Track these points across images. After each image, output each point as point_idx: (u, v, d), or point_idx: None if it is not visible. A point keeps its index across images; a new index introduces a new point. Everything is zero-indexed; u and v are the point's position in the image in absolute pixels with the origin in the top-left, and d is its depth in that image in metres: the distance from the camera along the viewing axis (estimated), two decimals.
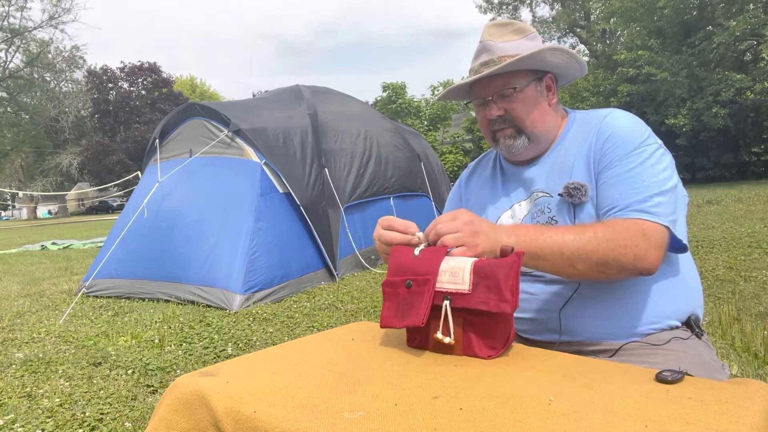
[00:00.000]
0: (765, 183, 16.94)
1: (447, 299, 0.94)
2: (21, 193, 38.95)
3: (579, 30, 29.28)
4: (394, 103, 32.83)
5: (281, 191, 5.03)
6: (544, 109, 1.23)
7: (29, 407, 2.46)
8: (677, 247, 1.09)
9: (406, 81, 36.60)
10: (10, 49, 38.35)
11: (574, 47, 28.64)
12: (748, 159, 21.32)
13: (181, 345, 3.34)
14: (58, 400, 2.51)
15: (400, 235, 1.03)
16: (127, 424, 2.21)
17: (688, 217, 1.23)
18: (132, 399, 2.50)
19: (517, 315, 1.17)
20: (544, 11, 45.33)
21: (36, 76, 40.15)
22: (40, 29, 38.33)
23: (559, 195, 1.17)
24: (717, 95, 19.10)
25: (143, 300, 4.80)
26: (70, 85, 42.51)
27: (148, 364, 2.98)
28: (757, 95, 19.01)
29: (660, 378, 0.78)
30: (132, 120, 41.42)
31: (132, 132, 40.33)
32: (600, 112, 1.24)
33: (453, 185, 1.51)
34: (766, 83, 18.63)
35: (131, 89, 42.03)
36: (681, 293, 1.15)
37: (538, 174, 1.25)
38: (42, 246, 11.78)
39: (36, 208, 45.76)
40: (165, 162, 5.34)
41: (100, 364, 3.06)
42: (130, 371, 2.88)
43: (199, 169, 5.08)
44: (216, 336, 3.48)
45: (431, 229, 0.99)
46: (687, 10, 20.92)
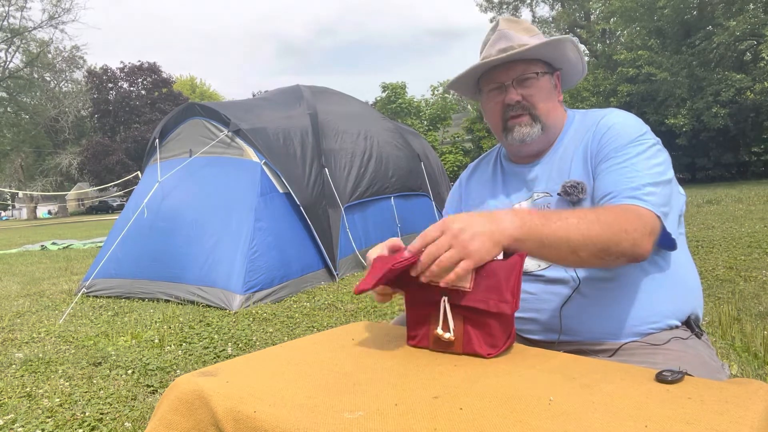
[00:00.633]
0: (765, 183, 16.95)
1: (445, 296, 0.94)
2: (21, 193, 38.96)
3: (579, 30, 29.29)
4: (393, 103, 32.84)
5: (281, 191, 5.03)
6: (555, 103, 1.26)
7: (29, 407, 2.46)
8: (666, 244, 1.09)
9: (406, 81, 36.61)
10: (10, 49, 38.38)
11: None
12: (748, 159, 21.36)
13: (181, 345, 3.34)
14: (58, 400, 2.51)
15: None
16: (127, 424, 2.21)
17: (687, 217, 1.23)
18: (132, 399, 2.50)
19: (517, 314, 1.16)
20: (544, 11, 45.40)
21: (36, 76, 40.15)
22: (40, 29, 38.37)
23: (558, 194, 1.17)
24: (717, 95, 19.13)
25: (143, 300, 4.80)
26: (70, 85, 42.52)
27: (148, 364, 2.98)
28: (757, 95, 19.03)
29: (660, 378, 0.78)
30: (132, 120, 41.40)
31: (132, 132, 40.32)
32: (598, 111, 1.25)
33: (453, 185, 1.51)
34: (766, 83, 18.65)
35: (131, 89, 42.02)
36: (681, 293, 1.15)
37: (539, 174, 1.25)
38: (42, 246, 11.78)
39: (36, 208, 45.75)
40: (165, 162, 5.34)
41: (100, 364, 3.06)
42: (130, 371, 2.88)
43: (199, 169, 5.08)
44: (216, 336, 3.48)
45: (418, 247, 0.91)
46: (687, 10, 20.95)
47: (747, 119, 19.97)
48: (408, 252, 0.93)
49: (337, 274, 5.22)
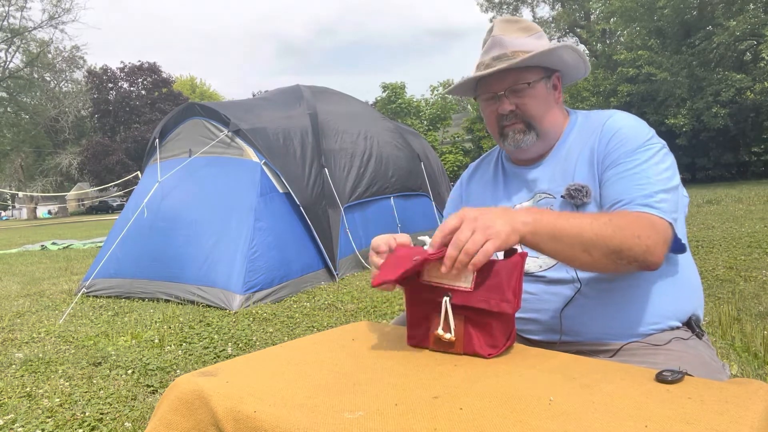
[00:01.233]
0: (765, 183, 16.95)
1: (447, 296, 0.94)
2: (21, 193, 38.90)
3: (579, 30, 29.29)
4: (393, 103, 32.83)
5: (281, 191, 5.03)
6: (552, 107, 1.25)
7: (29, 407, 2.46)
8: (676, 247, 1.09)
9: (405, 81, 36.64)
10: (10, 49, 38.35)
11: None
12: (748, 159, 21.37)
13: (181, 345, 3.34)
14: (58, 400, 2.51)
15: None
16: (127, 424, 2.21)
17: (688, 217, 1.23)
18: (132, 399, 2.50)
19: (518, 315, 1.16)
20: (544, 11, 45.38)
21: (36, 76, 40.13)
22: (40, 29, 38.32)
23: (561, 197, 1.17)
24: (717, 95, 19.12)
25: (143, 300, 4.80)
26: (70, 85, 42.49)
27: (148, 364, 2.98)
28: (757, 95, 19.04)
29: (660, 378, 0.78)
30: (132, 120, 41.39)
31: (132, 132, 40.31)
32: (602, 113, 1.24)
33: (453, 185, 1.51)
34: (766, 83, 18.65)
35: (131, 89, 42.01)
36: (682, 293, 1.15)
37: (541, 175, 1.25)
38: (42, 246, 11.78)
39: (36, 208, 45.74)
40: (165, 162, 5.34)
41: (100, 364, 3.06)
42: (130, 371, 2.88)
43: (199, 169, 5.08)
44: (216, 336, 3.48)
45: (440, 238, 0.92)
46: (687, 10, 20.94)
47: (747, 119, 19.97)
48: (430, 247, 0.93)
49: (337, 274, 5.22)
